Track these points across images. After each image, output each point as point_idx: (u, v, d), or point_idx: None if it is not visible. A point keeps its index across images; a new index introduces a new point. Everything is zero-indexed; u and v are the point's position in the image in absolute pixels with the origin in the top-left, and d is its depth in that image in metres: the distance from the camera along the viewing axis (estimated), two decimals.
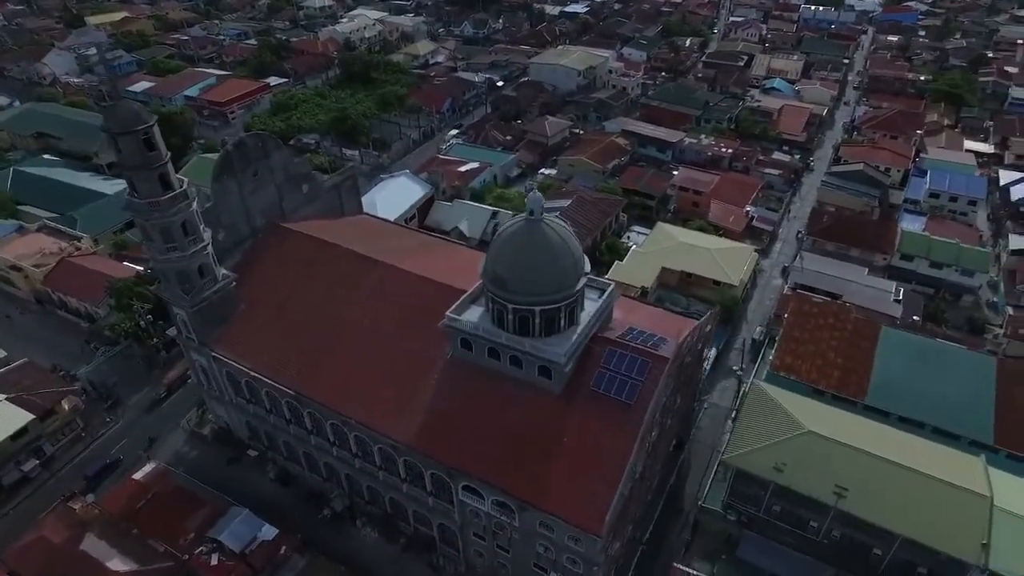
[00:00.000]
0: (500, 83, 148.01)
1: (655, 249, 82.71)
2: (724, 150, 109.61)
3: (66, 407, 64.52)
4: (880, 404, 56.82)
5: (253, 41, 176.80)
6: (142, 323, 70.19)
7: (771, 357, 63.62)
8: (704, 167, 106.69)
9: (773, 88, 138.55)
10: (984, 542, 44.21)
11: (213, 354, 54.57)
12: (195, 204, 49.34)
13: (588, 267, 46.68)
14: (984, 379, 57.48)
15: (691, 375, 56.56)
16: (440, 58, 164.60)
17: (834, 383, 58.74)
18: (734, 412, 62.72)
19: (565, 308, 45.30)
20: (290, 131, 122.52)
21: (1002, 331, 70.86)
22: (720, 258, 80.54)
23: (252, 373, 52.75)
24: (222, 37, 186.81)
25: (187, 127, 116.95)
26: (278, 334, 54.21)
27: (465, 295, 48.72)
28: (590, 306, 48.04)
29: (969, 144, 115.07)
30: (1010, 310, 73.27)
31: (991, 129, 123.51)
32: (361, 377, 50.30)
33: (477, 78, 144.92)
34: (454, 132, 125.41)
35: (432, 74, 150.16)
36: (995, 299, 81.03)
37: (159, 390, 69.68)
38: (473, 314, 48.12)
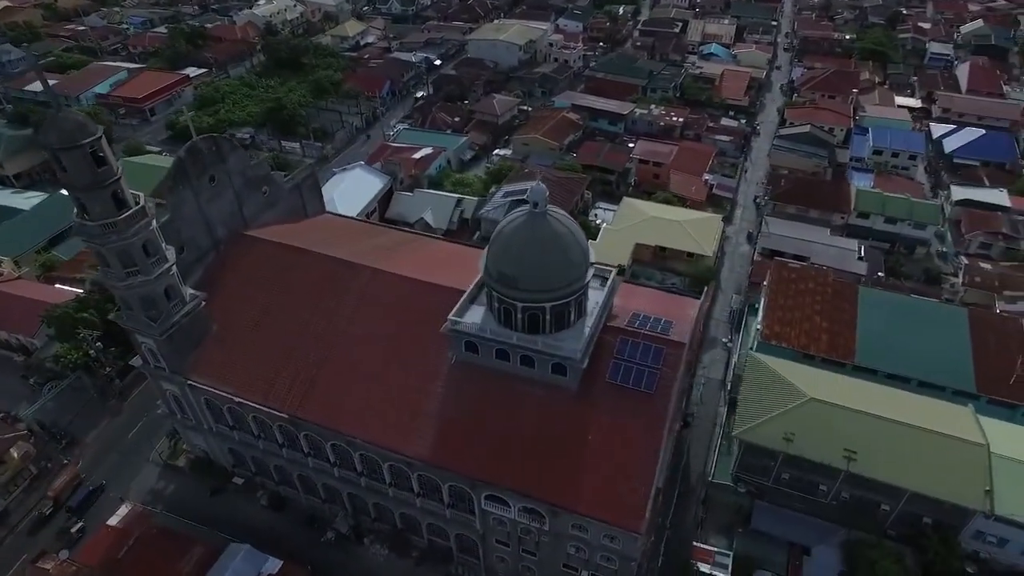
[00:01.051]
0: (438, 62, 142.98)
1: (626, 226, 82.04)
2: (675, 119, 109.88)
3: (15, 455, 58.02)
4: (868, 363, 58.49)
5: (162, 29, 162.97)
6: (92, 352, 63.71)
7: (757, 326, 64.41)
8: (657, 137, 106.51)
9: (711, 54, 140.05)
10: (987, 489, 46.38)
11: (189, 382, 49.87)
12: (155, 221, 44.33)
13: (594, 255, 45.16)
14: (959, 330, 60.15)
15: (696, 354, 56.42)
16: (371, 39, 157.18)
17: (823, 347, 59.99)
18: (729, 384, 63.40)
19: (575, 301, 43.69)
20: (220, 126, 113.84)
21: (960, 280, 74.45)
22: (691, 229, 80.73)
23: (237, 399, 48.55)
24: (125, 26, 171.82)
25: (104, 128, 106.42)
26: (260, 354, 50.04)
27: (464, 295, 46.21)
28: (594, 295, 46.59)
29: (899, 100, 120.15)
30: (964, 259, 77.10)
31: (916, 84, 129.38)
32: (360, 392, 47.17)
33: (414, 58, 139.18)
34: (420, 94, 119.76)
35: (366, 56, 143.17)
36: (944, 249, 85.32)
37: (44, 506, 55.25)
38: (475, 315, 45.80)
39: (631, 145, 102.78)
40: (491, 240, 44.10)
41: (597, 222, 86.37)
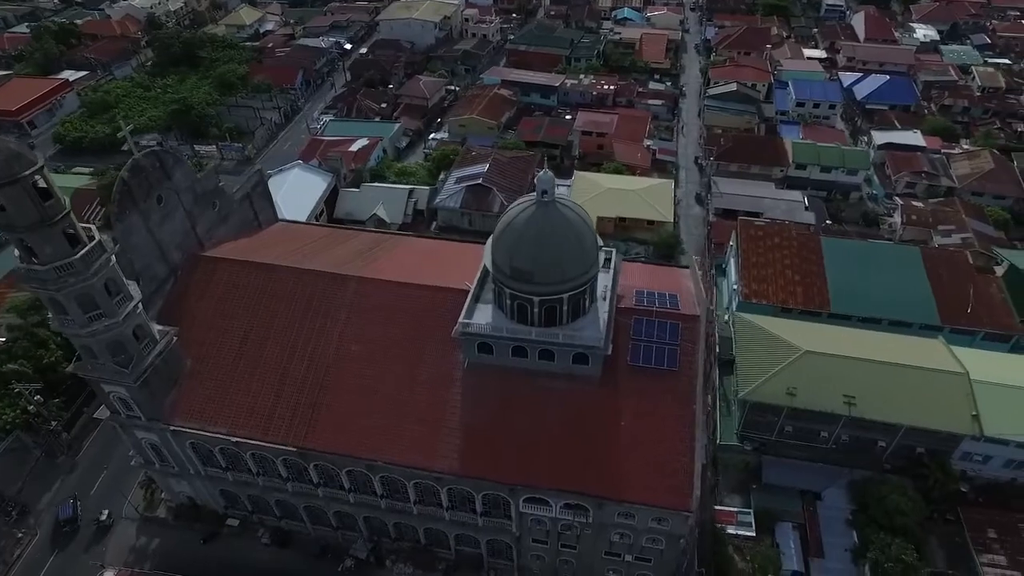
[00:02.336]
0: (348, 46, 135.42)
1: (584, 200, 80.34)
2: (607, 87, 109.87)
3: None
4: (843, 310, 61.46)
5: (23, 28, 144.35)
6: (31, 407, 56.15)
7: (733, 286, 66.04)
8: (591, 107, 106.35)
9: (626, 18, 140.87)
10: (974, 413, 50.03)
11: (172, 428, 44.79)
12: (115, 257, 38.89)
13: (600, 239, 44.04)
14: (915, 267, 64.27)
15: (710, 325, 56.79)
16: (270, 26, 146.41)
17: (800, 300, 62.37)
18: (716, 347, 64.65)
19: (589, 287, 42.56)
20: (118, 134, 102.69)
21: (898, 220, 79.50)
22: (647, 197, 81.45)
23: (233, 439, 44.11)
24: None
25: None
26: (249, 386, 45.56)
27: (468, 296, 43.92)
28: (601, 278, 45.61)
29: (807, 52, 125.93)
30: (899, 200, 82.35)
31: (818, 36, 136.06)
32: (371, 411, 44.06)
33: (324, 43, 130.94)
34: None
35: (269, 45, 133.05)
36: (874, 192, 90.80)
37: None
38: (484, 314, 43.69)
39: (568, 118, 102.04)
40: (497, 234, 41.92)
41: None
